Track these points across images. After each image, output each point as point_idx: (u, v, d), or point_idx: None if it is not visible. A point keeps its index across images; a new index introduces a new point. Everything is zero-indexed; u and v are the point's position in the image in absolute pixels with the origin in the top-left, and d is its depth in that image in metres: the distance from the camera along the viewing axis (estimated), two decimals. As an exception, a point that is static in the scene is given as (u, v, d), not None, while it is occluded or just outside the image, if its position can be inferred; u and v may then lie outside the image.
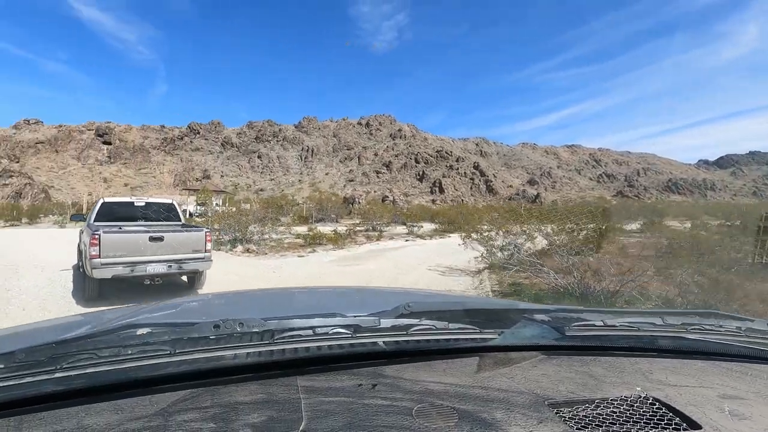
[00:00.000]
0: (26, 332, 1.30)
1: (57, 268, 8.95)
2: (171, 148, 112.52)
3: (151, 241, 6.37)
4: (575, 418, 0.76)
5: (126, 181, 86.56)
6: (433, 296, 2.26)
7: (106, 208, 7.84)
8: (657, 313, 1.23)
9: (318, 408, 0.73)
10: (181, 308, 1.61)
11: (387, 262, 10.77)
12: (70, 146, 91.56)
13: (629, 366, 1.03)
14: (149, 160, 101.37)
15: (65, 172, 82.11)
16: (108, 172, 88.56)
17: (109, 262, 6.03)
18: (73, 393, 0.73)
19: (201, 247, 6.80)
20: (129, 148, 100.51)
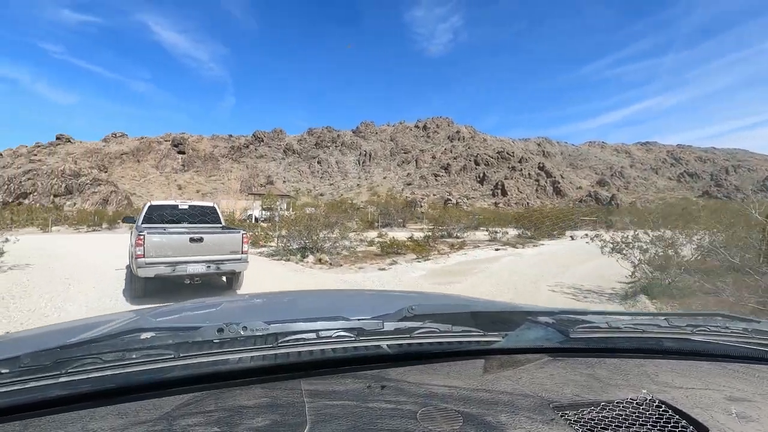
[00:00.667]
0: (31, 337, 1.31)
1: (114, 267, 9.16)
2: (238, 155, 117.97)
3: (192, 242, 6.54)
4: (580, 420, 0.75)
5: (198, 188, 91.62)
6: (436, 299, 2.23)
7: (152, 210, 8.04)
8: (662, 315, 1.22)
9: (322, 411, 0.72)
10: (184, 312, 1.62)
11: (488, 279, 8.79)
12: (150, 156, 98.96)
13: (635, 368, 1.02)
14: (218, 168, 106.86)
15: (145, 180, 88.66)
16: (182, 180, 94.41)
17: (153, 262, 6.21)
18: (78, 397, 0.73)
19: (238, 248, 6.95)
20: (200, 157, 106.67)
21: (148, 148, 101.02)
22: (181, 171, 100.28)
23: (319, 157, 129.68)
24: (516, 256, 13.14)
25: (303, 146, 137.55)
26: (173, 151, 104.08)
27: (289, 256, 11.64)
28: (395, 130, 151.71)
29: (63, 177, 61.14)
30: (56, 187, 59.33)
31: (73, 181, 61.47)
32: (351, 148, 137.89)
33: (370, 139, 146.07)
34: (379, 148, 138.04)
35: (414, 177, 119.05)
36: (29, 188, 56.99)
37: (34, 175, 60.38)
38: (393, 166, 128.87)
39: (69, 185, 60.54)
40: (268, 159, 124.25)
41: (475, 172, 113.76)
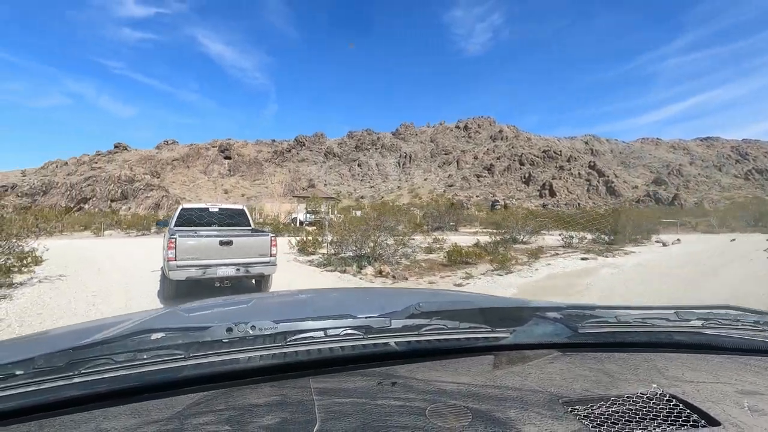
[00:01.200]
0: (45, 338, 1.33)
1: (150, 278, 8.94)
2: (280, 160, 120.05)
3: (221, 245, 6.58)
4: (590, 416, 0.75)
5: (243, 192, 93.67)
6: (443, 295, 2.22)
7: (185, 213, 8.07)
8: (671, 309, 1.21)
9: (331, 409, 0.73)
10: (193, 312, 1.64)
11: (610, 302, 6.75)
12: (198, 162, 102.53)
13: (644, 362, 1.01)
14: (262, 172, 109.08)
15: (194, 185, 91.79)
16: (228, 184, 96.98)
17: (184, 265, 6.26)
18: (91, 397, 0.73)
19: (266, 251, 6.95)
20: (245, 162, 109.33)
21: (196, 154, 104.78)
22: (227, 176, 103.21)
23: (359, 159, 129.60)
24: (612, 268, 11.03)
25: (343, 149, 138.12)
26: (220, 157, 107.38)
27: (344, 266, 10.18)
28: (435, 131, 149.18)
29: (119, 183, 64.04)
30: (113, 193, 62.18)
31: (128, 186, 64.24)
32: (391, 151, 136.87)
33: (410, 140, 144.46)
34: (419, 150, 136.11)
35: (455, 178, 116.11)
36: (89, 194, 60.12)
37: (94, 181, 63.65)
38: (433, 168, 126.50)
39: (124, 190, 63.30)
40: (309, 163, 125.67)
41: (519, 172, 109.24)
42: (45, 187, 59.81)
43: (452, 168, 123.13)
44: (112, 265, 10.94)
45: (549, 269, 10.58)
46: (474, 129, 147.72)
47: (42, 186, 60.36)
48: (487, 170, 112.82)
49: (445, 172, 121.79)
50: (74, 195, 59.32)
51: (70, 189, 59.66)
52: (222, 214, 8.61)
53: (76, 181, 62.75)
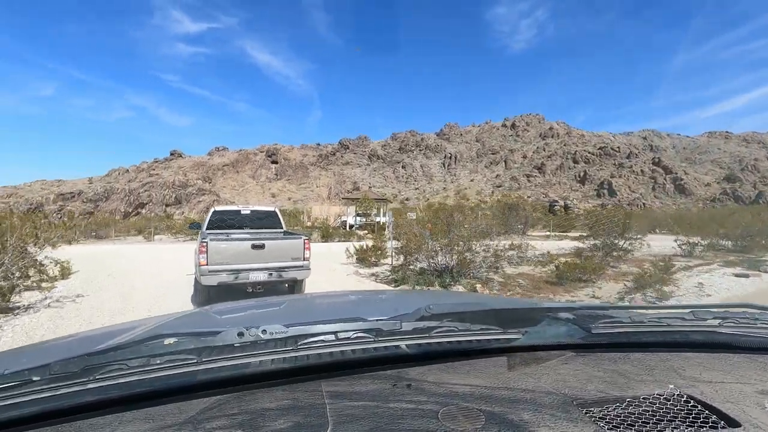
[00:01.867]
0: (60, 344, 1.34)
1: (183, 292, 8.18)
2: (325, 163, 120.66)
3: (253, 249, 6.40)
4: (606, 417, 0.74)
5: (289, 196, 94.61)
6: (453, 297, 2.11)
7: (217, 216, 7.92)
8: (687, 308, 1.19)
9: (343, 413, 0.72)
10: (204, 317, 1.66)
11: None
12: (247, 167, 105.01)
13: (660, 363, 1.00)
14: (308, 176, 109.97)
15: (243, 190, 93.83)
16: (275, 188, 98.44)
17: (216, 270, 6.11)
18: (106, 403, 0.74)
19: (299, 254, 6.74)
20: (291, 166, 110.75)
21: (245, 160, 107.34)
22: (274, 180, 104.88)
23: (403, 161, 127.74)
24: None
25: (387, 151, 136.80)
26: (267, 162, 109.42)
27: (423, 283, 7.99)
28: (481, 130, 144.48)
29: (173, 188, 66.08)
30: (167, 198, 64.21)
31: (181, 191, 66.13)
32: (435, 151, 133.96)
33: (454, 141, 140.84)
34: (465, 150, 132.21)
35: (504, 178, 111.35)
36: (145, 199, 62.45)
37: (150, 187, 66.10)
38: (480, 168, 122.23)
39: (178, 195, 65.23)
40: (353, 165, 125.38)
41: (573, 170, 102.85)
42: (106, 194, 62.72)
43: (500, 168, 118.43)
44: (144, 280, 9.41)
45: (713, 290, 7.83)
46: (522, 127, 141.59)
47: (104, 192, 63.36)
48: (538, 169, 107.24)
49: (492, 172, 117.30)
50: (132, 200, 61.76)
51: (129, 194, 62.20)
52: (253, 216, 8.31)
53: (134, 187, 65.39)
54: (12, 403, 0.69)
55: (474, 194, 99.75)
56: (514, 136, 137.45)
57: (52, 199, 63.82)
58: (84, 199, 61.43)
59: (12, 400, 0.69)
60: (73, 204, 60.39)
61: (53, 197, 64.73)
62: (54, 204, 63.30)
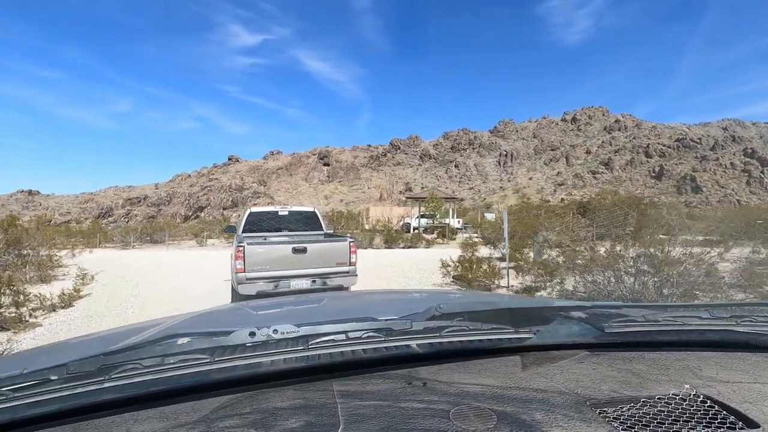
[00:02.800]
0: (76, 344, 1.37)
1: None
2: (376, 164, 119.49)
3: (294, 253, 5.93)
4: (620, 418, 0.73)
5: (341, 197, 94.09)
6: (464, 297, 2.14)
7: (253, 218, 7.50)
8: (702, 307, 1.18)
9: (354, 412, 0.72)
10: (216, 317, 1.66)
11: None
12: (300, 170, 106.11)
13: (676, 362, 0.98)
14: (359, 177, 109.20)
15: (296, 192, 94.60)
16: (327, 190, 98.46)
17: (254, 277, 5.66)
18: (122, 402, 0.75)
19: (345, 259, 6.23)
20: (343, 168, 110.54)
21: (298, 163, 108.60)
22: (326, 182, 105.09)
23: (456, 160, 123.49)
24: None
25: (439, 151, 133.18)
26: (319, 164, 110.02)
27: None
28: (538, 126, 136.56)
29: (230, 191, 67.26)
30: (225, 201, 65.40)
31: (237, 194, 67.14)
32: (489, 149, 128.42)
33: (509, 138, 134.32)
34: (521, 147, 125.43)
35: (566, 176, 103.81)
36: (204, 203, 64.02)
37: (209, 191, 67.77)
38: (539, 166, 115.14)
39: (234, 198, 66.28)
40: (405, 166, 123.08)
41: (647, 165, 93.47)
42: (169, 198, 64.98)
43: (561, 165, 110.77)
44: (168, 306, 7.39)
45: None
46: (584, 121, 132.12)
47: (167, 197, 65.68)
48: (605, 165, 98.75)
49: (552, 169, 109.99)
50: (192, 204, 63.50)
51: (188, 198, 64.04)
52: (292, 217, 7.79)
53: (194, 191, 67.29)
54: (32, 402, 0.70)
55: (534, 193, 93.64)
56: (575, 130, 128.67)
57: (120, 204, 67.60)
58: (148, 204, 64.17)
59: (31, 399, 0.70)
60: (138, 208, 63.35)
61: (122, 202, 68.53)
62: (122, 209, 67.02)
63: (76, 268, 10.22)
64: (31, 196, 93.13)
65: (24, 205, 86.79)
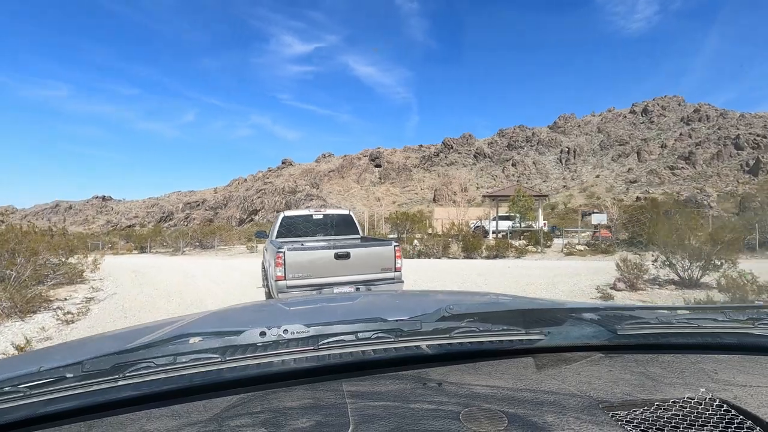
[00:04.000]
0: (91, 343, 1.39)
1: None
2: (429, 165, 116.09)
3: (337, 259, 5.72)
4: (633, 421, 0.72)
5: (393, 199, 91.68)
6: (473, 297, 2.19)
7: (287, 222, 7.42)
8: (718, 308, 1.16)
9: (364, 412, 0.72)
10: (227, 317, 1.68)
11: None
12: (352, 172, 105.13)
13: (690, 365, 0.97)
14: (411, 178, 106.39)
15: (348, 194, 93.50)
16: (379, 192, 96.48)
17: (296, 285, 5.50)
18: (135, 400, 0.76)
19: (390, 264, 5.98)
20: (394, 169, 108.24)
21: (350, 165, 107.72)
22: (378, 184, 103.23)
23: (512, 159, 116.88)
24: None
25: (494, 149, 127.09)
26: (371, 166, 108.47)
27: None
28: (603, 119, 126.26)
29: (283, 194, 66.97)
30: (278, 204, 65.12)
31: (290, 197, 66.65)
32: (549, 146, 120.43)
33: (571, 133, 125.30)
34: (585, 143, 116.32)
35: (639, 172, 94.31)
36: (258, 206, 64.10)
37: (263, 194, 67.93)
38: (606, 162, 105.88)
39: (288, 201, 65.86)
40: (458, 165, 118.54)
41: (738, 159, 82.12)
42: (225, 201, 65.74)
43: (631, 160, 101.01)
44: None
45: None
46: (657, 112, 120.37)
47: (223, 200, 66.51)
48: (685, 160, 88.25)
49: (622, 165, 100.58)
50: (246, 207, 63.81)
51: (243, 201, 64.42)
52: (326, 221, 7.58)
53: (249, 195, 67.67)
54: (48, 399, 0.71)
55: (603, 192, 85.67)
56: (646, 122, 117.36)
57: (180, 208, 69.78)
58: (206, 207, 65.41)
59: (48, 396, 0.72)
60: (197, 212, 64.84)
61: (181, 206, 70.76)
62: (182, 212, 69.09)
63: (87, 289, 8.03)
64: (104, 202, 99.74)
65: (98, 210, 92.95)
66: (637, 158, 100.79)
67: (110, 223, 70.54)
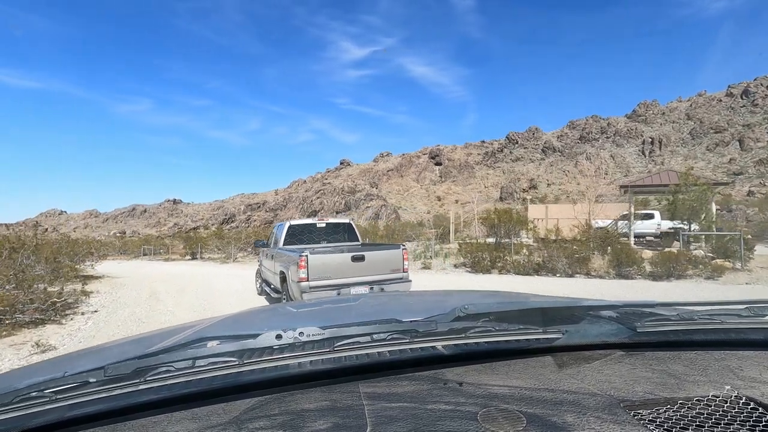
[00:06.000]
0: (113, 348, 1.43)
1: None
2: (492, 161, 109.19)
3: (353, 261, 6.38)
4: (656, 420, 0.71)
5: (456, 198, 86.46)
6: (488, 297, 2.20)
7: (293, 230, 8.16)
8: (741, 304, 1.13)
9: (382, 414, 0.72)
10: (243, 320, 1.71)
11: None
12: (411, 170, 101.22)
13: (714, 362, 0.95)
14: (474, 176, 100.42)
15: (408, 194, 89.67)
16: (440, 191, 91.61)
17: (318, 285, 6.10)
18: (156, 403, 0.77)
19: (399, 266, 6.71)
20: (456, 167, 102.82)
21: (409, 163, 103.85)
22: (438, 182, 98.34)
23: (586, 152, 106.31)
24: None
25: (565, 142, 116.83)
26: (430, 164, 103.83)
27: None
28: (693, 105, 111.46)
29: (343, 194, 64.55)
30: (337, 204, 62.74)
31: (350, 197, 64.03)
32: (628, 137, 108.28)
33: (654, 122, 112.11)
34: (671, 132, 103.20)
35: (743, 163, 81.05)
36: (318, 206, 62.19)
37: (322, 194, 65.98)
38: (699, 152, 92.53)
39: (347, 201, 63.32)
40: (525, 161, 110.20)
41: None
42: (285, 202, 64.55)
43: (733, 149, 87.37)
44: None
45: None
46: (761, 93, 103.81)
47: (283, 201, 65.35)
48: (805, 146, 74.11)
49: (720, 156, 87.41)
50: (306, 208, 62.13)
51: (302, 202, 62.86)
52: (329, 229, 8.41)
53: (307, 195, 65.99)
54: (72, 403, 0.73)
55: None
56: (748, 106, 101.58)
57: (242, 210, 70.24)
58: (267, 209, 64.82)
59: (73, 401, 0.73)
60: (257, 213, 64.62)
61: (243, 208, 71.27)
62: (243, 214, 69.47)
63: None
64: (175, 205, 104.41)
65: (169, 213, 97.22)
66: (739, 146, 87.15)
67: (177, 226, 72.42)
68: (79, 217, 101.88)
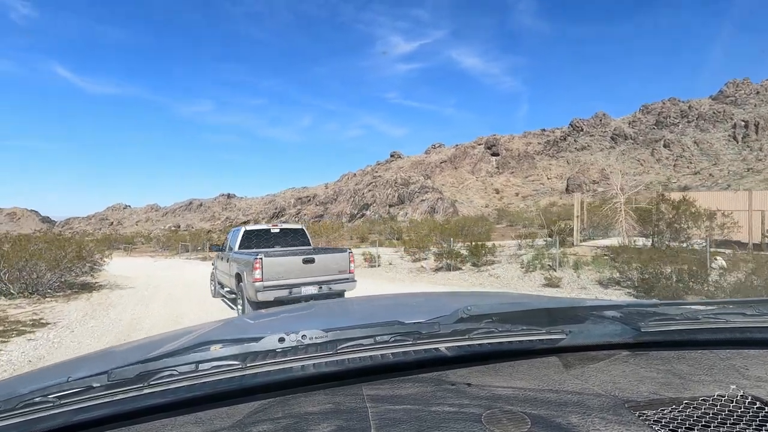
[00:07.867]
0: (117, 352, 1.44)
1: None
2: (554, 151, 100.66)
3: (304, 264, 6.87)
4: (662, 420, 0.71)
5: (516, 191, 79.98)
6: (492, 297, 2.16)
7: (248, 235, 8.53)
8: (746, 303, 1.13)
9: (385, 416, 0.72)
10: (245, 324, 1.73)
11: None
12: (465, 162, 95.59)
13: (719, 362, 0.95)
14: (534, 166, 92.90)
15: (463, 186, 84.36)
16: (498, 183, 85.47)
17: (271, 285, 6.52)
18: (160, 408, 0.77)
19: (346, 267, 7.25)
20: (514, 157, 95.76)
21: (463, 154, 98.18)
22: (495, 174, 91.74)
23: (664, 138, 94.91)
24: None
25: (638, 129, 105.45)
26: (487, 154, 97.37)
27: None
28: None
29: (395, 186, 60.95)
30: (390, 197, 59.25)
31: (403, 189, 60.31)
32: (714, 121, 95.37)
33: (745, 104, 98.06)
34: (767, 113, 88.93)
35: None
36: (369, 200, 59.12)
37: (373, 187, 62.76)
38: (807, 136, 78.83)
39: (401, 194, 59.71)
40: (592, 150, 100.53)
41: None
42: (335, 195, 61.96)
43: None
44: None
45: None
46: None
47: (333, 194, 62.77)
48: None
49: (836, 139, 73.51)
50: (357, 201, 59.30)
51: (353, 195, 60.01)
52: (283, 234, 8.87)
53: (358, 188, 62.96)
54: (76, 408, 0.73)
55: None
56: None
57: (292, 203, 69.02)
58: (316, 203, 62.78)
59: (76, 406, 0.73)
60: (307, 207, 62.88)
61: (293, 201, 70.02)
62: (293, 208, 68.27)
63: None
64: (229, 199, 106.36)
65: (223, 207, 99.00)
66: None
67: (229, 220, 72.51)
68: (141, 211, 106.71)
